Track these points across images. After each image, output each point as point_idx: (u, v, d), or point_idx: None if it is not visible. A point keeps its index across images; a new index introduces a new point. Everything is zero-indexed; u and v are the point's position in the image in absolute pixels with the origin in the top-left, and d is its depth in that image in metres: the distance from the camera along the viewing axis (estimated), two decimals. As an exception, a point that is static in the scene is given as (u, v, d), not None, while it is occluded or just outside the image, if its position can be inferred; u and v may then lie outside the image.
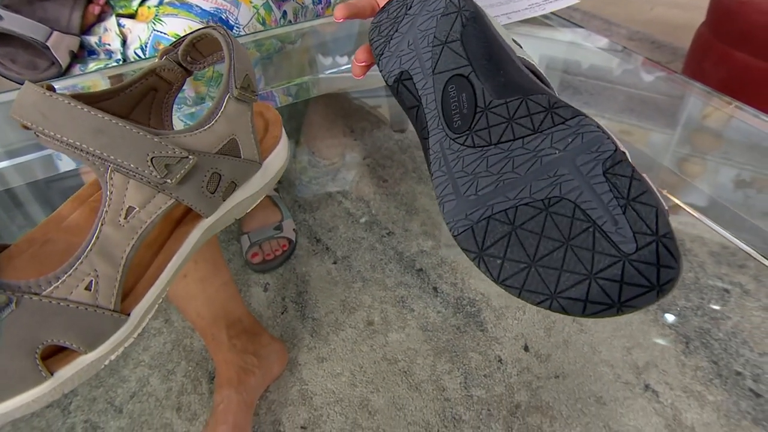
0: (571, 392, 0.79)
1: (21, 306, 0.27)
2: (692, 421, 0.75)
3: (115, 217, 0.30)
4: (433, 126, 0.36)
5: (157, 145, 0.31)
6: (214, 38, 0.38)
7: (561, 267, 0.30)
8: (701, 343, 0.84)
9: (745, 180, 0.64)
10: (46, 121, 0.30)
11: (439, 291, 0.95)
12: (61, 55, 0.68)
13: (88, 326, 0.28)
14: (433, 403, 0.79)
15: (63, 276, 0.28)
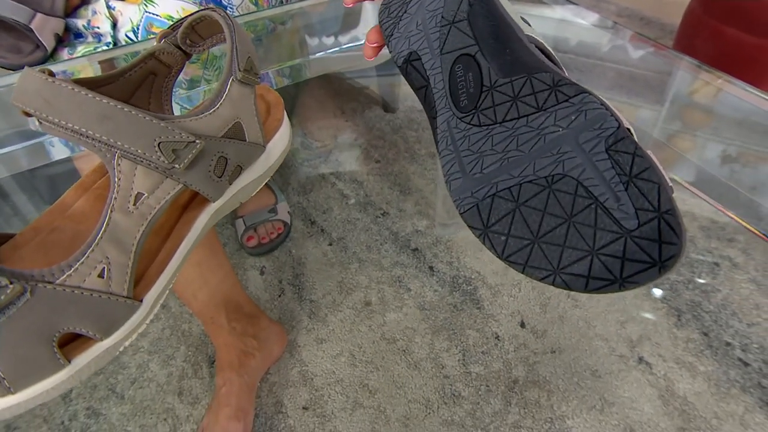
0: (568, 366, 0.81)
1: (36, 295, 0.26)
2: (684, 391, 0.77)
3: (124, 203, 0.30)
4: (441, 105, 0.36)
5: (164, 129, 0.30)
6: (213, 20, 0.38)
7: (564, 243, 0.31)
8: (692, 315, 0.86)
9: (731, 155, 0.65)
10: (49, 107, 0.29)
11: (435, 270, 0.96)
12: (45, 38, 0.66)
13: (103, 313, 0.28)
14: (432, 380, 0.80)
15: (75, 264, 0.28)
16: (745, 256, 0.94)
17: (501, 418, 0.76)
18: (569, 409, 0.76)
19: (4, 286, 0.26)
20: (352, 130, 1.26)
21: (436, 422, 0.76)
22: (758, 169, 0.66)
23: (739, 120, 0.64)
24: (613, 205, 0.29)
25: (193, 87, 0.68)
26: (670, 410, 0.76)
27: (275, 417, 0.78)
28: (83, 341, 0.28)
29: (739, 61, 0.83)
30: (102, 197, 0.36)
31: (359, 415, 0.77)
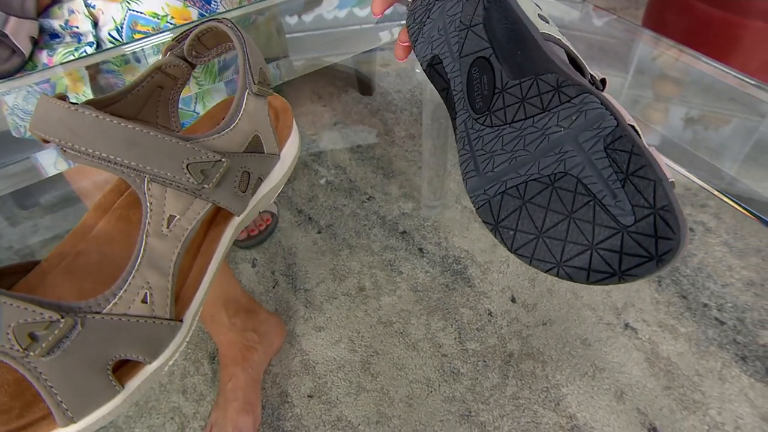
0: (559, 337, 0.85)
1: (86, 326, 0.27)
2: (668, 353, 0.82)
3: (158, 227, 0.30)
4: (459, 107, 0.38)
5: (191, 151, 0.31)
6: (220, 31, 0.38)
7: (565, 238, 0.33)
8: (671, 280, 0.91)
9: (693, 118, 0.68)
10: (75, 136, 0.29)
11: (424, 251, 0.98)
12: (22, 43, 0.64)
13: (150, 337, 0.29)
14: (431, 359, 0.83)
15: (119, 292, 0.28)
16: (717, 221, 0.99)
17: (500, 391, 0.79)
18: (563, 377, 0.80)
19: (56, 320, 0.26)
20: (329, 115, 1.26)
21: (438, 399, 0.79)
22: (719, 131, 0.69)
23: (706, 86, 0.67)
24: (610, 202, 0.31)
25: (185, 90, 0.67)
26: (656, 371, 0.80)
27: (282, 407, 0.79)
28: (133, 365, 0.29)
29: (709, 34, 0.85)
30: (124, 218, 0.36)
31: (364, 398, 0.79)
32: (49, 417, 0.26)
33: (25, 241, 1.01)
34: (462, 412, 0.77)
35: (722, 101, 0.64)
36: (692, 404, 0.77)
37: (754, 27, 0.84)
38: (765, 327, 0.85)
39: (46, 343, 0.25)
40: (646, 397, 0.78)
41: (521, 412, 0.77)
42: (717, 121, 0.73)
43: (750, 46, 0.86)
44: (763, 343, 0.83)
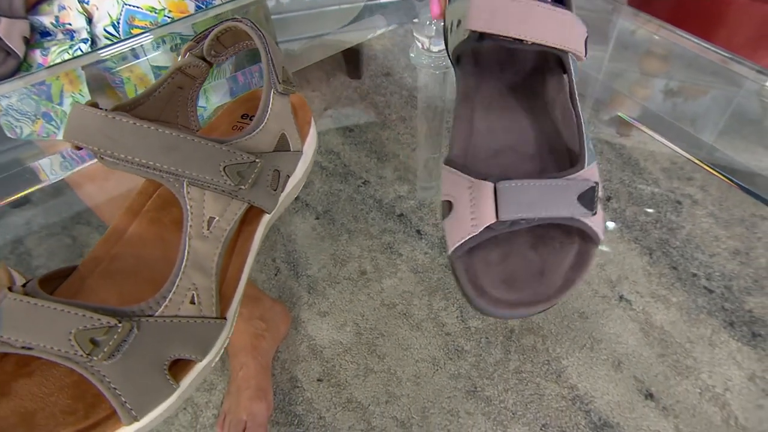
0: (557, 311, 0.87)
1: (142, 329, 0.28)
2: (661, 322, 0.86)
3: (200, 229, 0.31)
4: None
5: (227, 153, 0.31)
6: (239, 30, 0.38)
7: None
8: (662, 252, 0.94)
9: (672, 89, 0.71)
10: (114, 144, 0.30)
11: (422, 233, 0.99)
12: (15, 44, 0.62)
13: (200, 336, 0.30)
14: (435, 339, 0.85)
15: (168, 294, 0.29)
16: (703, 193, 1.02)
17: (503, 366, 0.82)
18: (563, 350, 0.83)
19: (114, 325, 0.27)
20: (319, 100, 1.26)
21: (444, 377, 0.81)
22: (698, 102, 0.72)
23: (689, 61, 0.69)
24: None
25: None
26: (650, 340, 0.84)
27: (292, 392, 0.81)
28: (185, 364, 0.30)
29: (694, 11, 0.87)
30: (155, 220, 0.37)
31: (372, 379, 0.81)
32: (113, 416, 0.27)
33: (21, 239, 1.00)
34: (468, 388, 0.80)
35: (703, 75, 0.66)
36: (685, 369, 0.81)
37: (738, 3, 0.86)
38: (750, 293, 0.89)
39: (107, 347, 0.26)
40: (642, 365, 0.82)
41: (525, 385, 0.80)
42: (695, 92, 0.76)
43: (734, 22, 0.88)
44: (748, 309, 0.88)
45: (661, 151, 1.09)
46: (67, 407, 0.28)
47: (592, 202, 0.32)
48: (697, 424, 0.76)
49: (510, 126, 0.42)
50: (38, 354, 0.27)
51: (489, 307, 0.32)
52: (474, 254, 0.33)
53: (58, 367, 0.30)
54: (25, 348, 0.27)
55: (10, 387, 0.29)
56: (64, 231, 1.02)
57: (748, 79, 0.61)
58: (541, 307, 0.32)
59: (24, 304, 0.27)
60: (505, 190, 0.32)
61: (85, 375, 0.27)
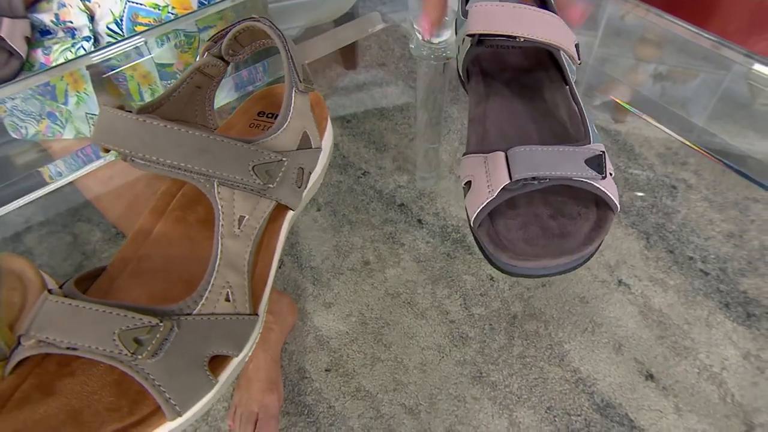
0: (558, 297, 0.89)
1: (182, 328, 0.29)
2: (659, 305, 0.88)
3: (231, 228, 0.32)
4: None
5: (256, 153, 0.32)
6: (257, 29, 0.39)
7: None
8: (659, 236, 0.96)
9: (662, 73, 0.72)
10: (145, 146, 0.30)
11: (423, 222, 1.00)
12: (18, 44, 0.62)
13: (236, 332, 0.31)
14: (440, 326, 0.87)
15: (205, 293, 0.30)
16: (697, 177, 1.04)
17: (507, 352, 0.84)
18: (565, 334, 0.85)
19: (156, 325, 0.28)
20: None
21: (450, 364, 0.83)
22: (687, 86, 0.74)
23: (681, 46, 0.70)
24: None
25: None
26: (649, 323, 0.86)
27: (301, 382, 0.82)
28: (222, 359, 0.31)
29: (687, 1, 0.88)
30: (181, 219, 0.38)
31: (379, 368, 0.83)
32: (158, 412, 0.28)
33: (20, 237, 1.00)
34: (474, 374, 0.82)
35: (693, 59, 0.68)
36: (683, 350, 0.83)
37: (731, -9, 0.87)
38: (744, 275, 0.92)
39: (150, 346, 0.27)
40: (642, 347, 0.84)
41: (529, 370, 0.82)
42: (685, 76, 0.77)
43: (727, 9, 0.89)
44: (743, 290, 0.90)
45: (655, 137, 1.10)
46: (111, 404, 0.29)
47: (601, 166, 0.34)
48: (696, 402, 0.79)
49: (519, 123, 0.44)
50: (83, 354, 0.27)
51: (510, 260, 0.33)
52: (495, 220, 0.35)
53: (99, 365, 0.30)
54: (69, 348, 0.28)
55: (54, 386, 0.29)
56: (64, 229, 1.02)
57: (736, 63, 0.62)
58: (564, 259, 0.33)
59: (66, 306, 0.28)
60: (515, 154, 0.34)
61: (129, 373, 0.27)
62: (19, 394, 0.29)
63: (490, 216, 0.36)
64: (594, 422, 0.77)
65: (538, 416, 0.78)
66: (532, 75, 0.47)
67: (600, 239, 0.35)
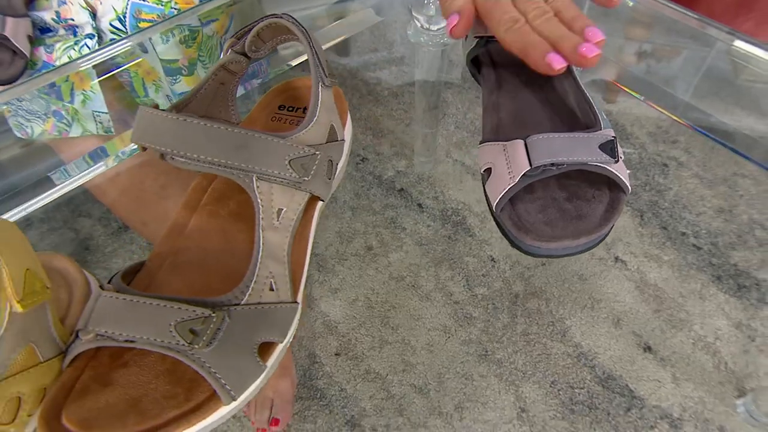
0: (558, 275, 0.92)
1: (233, 317, 0.30)
2: (655, 280, 0.91)
3: (270, 221, 0.33)
4: None
5: (291, 147, 0.33)
6: (280, 25, 0.39)
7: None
8: (652, 214, 0.99)
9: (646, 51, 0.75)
10: (186, 145, 0.31)
11: (423, 206, 1.02)
12: (22, 43, 0.61)
13: (281, 320, 0.33)
14: (444, 308, 0.89)
15: (250, 284, 0.31)
16: (687, 155, 1.07)
17: (511, 330, 0.86)
18: (566, 311, 0.88)
19: (209, 316, 0.29)
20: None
21: (456, 343, 0.85)
22: (671, 63, 0.76)
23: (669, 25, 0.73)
24: None
25: (192, 71, 0.67)
26: (646, 297, 0.89)
27: (312, 367, 0.84)
28: (268, 345, 0.33)
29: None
30: (214, 213, 0.39)
31: (388, 350, 0.85)
32: (213, 397, 0.30)
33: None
34: (479, 353, 0.84)
35: (680, 37, 0.70)
36: (679, 322, 0.87)
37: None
38: (735, 248, 0.95)
39: (205, 335, 0.29)
40: (640, 320, 0.87)
41: (532, 347, 0.85)
42: (669, 53, 0.80)
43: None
44: (734, 263, 0.93)
45: (646, 116, 1.13)
46: (167, 392, 0.30)
47: (613, 150, 0.36)
48: (692, 371, 0.82)
49: (530, 110, 0.46)
50: (141, 346, 0.29)
51: (534, 242, 0.35)
52: (516, 206, 0.37)
53: (150, 356, 0.32)
54: (127, 341, 0.29)
55: (110, 378, 0.31)
56: (65, 225, 1.02)
57: (719, 41, 0.65)
58: (583, 239, 0.35)
59: (121, 301, 0.29)
60: (534, 142, 0.36)
61: (186, 362, 0.29)
62: (80, 386, 0.30)
63: (510, 201, 0.37)
64: (596, 394, 0.81)
65: (543, 390, 0.81)
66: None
67: (614, 219, 0.37)
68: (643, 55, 0.77)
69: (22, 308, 0.28)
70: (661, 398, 0.80)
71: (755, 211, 0.99)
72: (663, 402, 0.80)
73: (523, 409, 0.80)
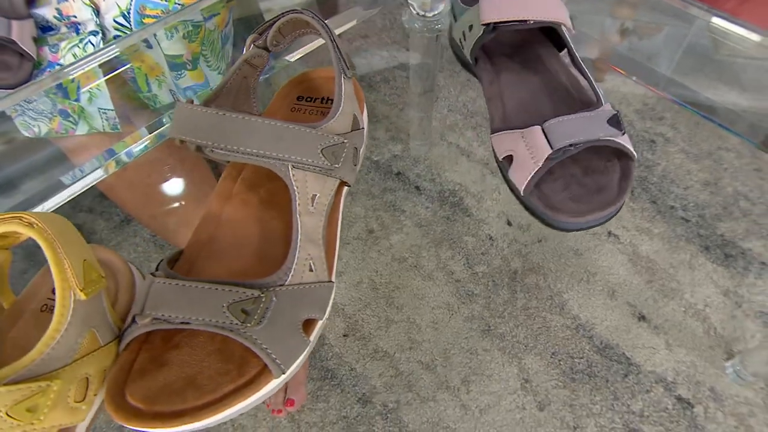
0: (554, 251, 0.95)
1: (279, 297, 0.32)
2: (647, 252, 0.95)
3: (306, 206, 0.35)
4: None
5: (322, 137, 0.35)
6: (300, 20, 0.41)
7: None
8: (642, 189, 1.02)
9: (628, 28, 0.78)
10: (226, 138, 0.33)
11: (421, 189, 1.05)
12: (28, 46, 0.61)
13: (321, 298, 0.35)
14: (446, 286, 0.92)
15: (292, 266, 0.34)
16: (674, 131, 1.11)
17: (512, 305, 0.90)
18: (563, 285, 0.92)
19: (258, 296, 0.31)
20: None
21: (459, 320, 0.89)
22: (653, 40, 0.79)
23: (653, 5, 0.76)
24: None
25: (196, 66, 0.68)
26: (638, 269, 0.93)
27: (321, 349, 0.87)
28: (310, 322, 0.35)
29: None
30: (245, 202, 0.41)
31: (394, 329, 0.88)
32: (264, 371, 0.32)
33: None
34: (482, 328, 0.88)
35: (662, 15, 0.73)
36: (670, 292, 0.91)
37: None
38: (721, 220, 0.99)
39: (256, 314, 0.31)
40: (633, 291, 0.91)
41: (533, 320, 0.88)
42: (650, 30, 0.83)
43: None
44: (720, 234, 0.98)
45: (633, 94, 1.16)
46: (220, 369, 0.32)
47: (619, 124, 0.39)
48: (684, 337, 0.87)
49: (532, 95, 0.49)
50: (196, 327, 0.31)
51: (568, 219, 0.38)
52: (541, 188, 0.40)
53: (199, 337, 0.34)
54: (183, 323, 0.31)
55: (165, 358, 0.33)
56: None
57: (698, 18, 0.68)
58: (610, 209, 0.38)
59: (174, 286, 0.32)
60: (551, 126, 0.39)
61: (239, 340, 0.31)
62: (137, 367, 0.32)
63: (535, 184, 0.40)
64: (595, 363, 0.85)
65: (544, 361, 0.85)
66: (531, 49, 0.52)
67: (630, 186, 0.40)
68: (626, 33, 0.79)
69: (85, 296, 0.30)
70: (656, 364, 0.84)
71: (739, 183, 1.04)
72: (657, 367, 0.84)
73: (526, 380, 0.84)
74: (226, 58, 0.76)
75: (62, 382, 0.28)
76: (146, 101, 0.72)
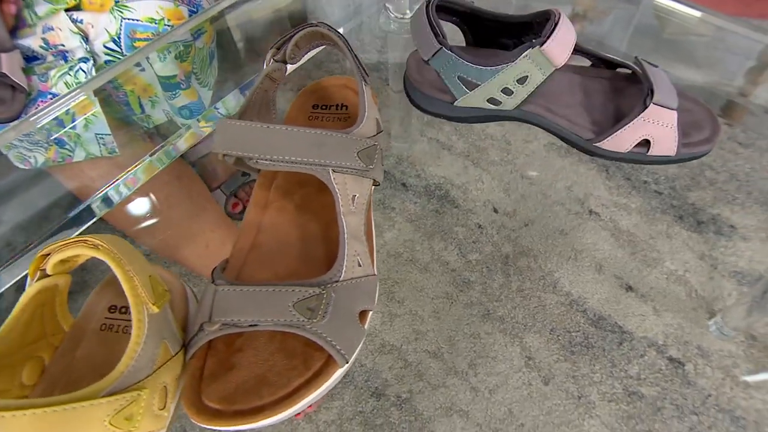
0: (541, 233, 1.00)
1: (337, 292, 0.35)
2: (627, 226, 1.00)
3: (348, 206, 0.38)
4: None
5: (357, 141, 0.38)
6: (317, 33, 0.43)
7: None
8: (616, 167, 1.08)
9: (578, 13, 0.83)
10: (272, 149, 0.35)
11: (407, 185, 1.08)
12: (18, 77, 0.60)
13: (369, 290, 0.37)
14: (443, 276, 0.95)
15: (343, 263, 0.36)
16: (639, 110, 1.17)
17: (507, 288, 0.94)
18: (553, 265, 0.96)
19: (320, 294, 0.34)
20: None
21: (460, 307, 0.92)
22: (603, 23, 0.85)
23: None
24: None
25: (189, 84, 0.69)
26: (621, 243, 0.99)
27: (330, 347, 0.89)
28: (363, 312, 0.37)
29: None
30: (281, 209, 0.43)
31: (398, 323, 0.91)
32: (329, 362, 0.34)
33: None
34: (482, 313, 0.91)
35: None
36: (652, 261, 0.96)
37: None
38: (690, 190, 1.06)
39: (320, 310, 0.33)
40: (618, 264, 0.96)
41: (528, 301, 0.93)
42: (599, 14, 0.89)
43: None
44: (691, 203, 1.04)
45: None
46: (287, 365, 0.34)
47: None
48: (669, 302, 0.92)
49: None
50: (264, 328, 0.33)
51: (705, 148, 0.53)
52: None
53: (260, 338, 0.36)
54: (251, 325, 0.33)
55: (232, 362, 0.35)
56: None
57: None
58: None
59: (239, 291, 0.33)
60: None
61: (307, 336, 0.33)
62: (207, 372, 0.34)
63: None
64: (591, 334, 0.90)
65: (544, 338, 0.89)
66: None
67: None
68: (576, 18, 0.84)
69: (157, 309, 0.32)
70: (647, 329, 0.90)
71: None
72: (648, 332, 0.89)
73: (529, 358, 0.88)
74: (214, 73, 0.77)
75: (149, 390, 0.30)
76: (139, 122, 0.73)
